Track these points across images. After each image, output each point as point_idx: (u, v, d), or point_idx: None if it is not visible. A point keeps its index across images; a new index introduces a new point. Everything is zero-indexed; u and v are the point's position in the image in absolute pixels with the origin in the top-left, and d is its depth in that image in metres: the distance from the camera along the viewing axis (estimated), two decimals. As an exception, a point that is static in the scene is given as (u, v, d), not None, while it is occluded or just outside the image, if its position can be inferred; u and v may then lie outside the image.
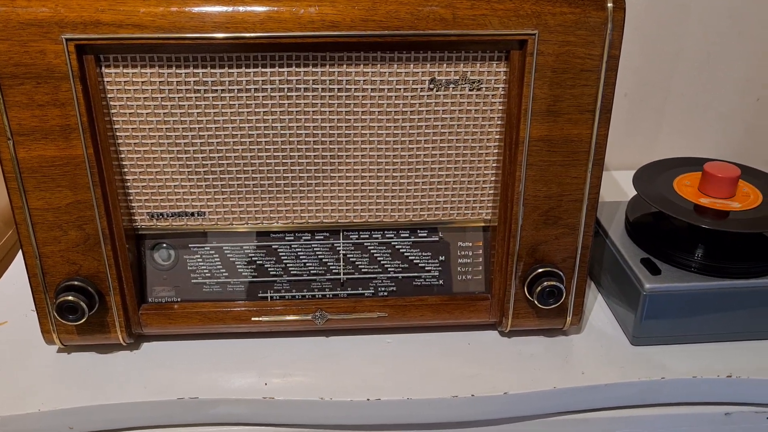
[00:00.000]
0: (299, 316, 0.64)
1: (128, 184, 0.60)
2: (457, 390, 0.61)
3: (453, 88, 0.58)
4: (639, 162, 0.81)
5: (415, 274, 0.66)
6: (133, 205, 0.61)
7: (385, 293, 0.66)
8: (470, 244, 0.65)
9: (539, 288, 0.61)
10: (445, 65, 0.57)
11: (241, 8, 0.52)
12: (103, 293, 0.61)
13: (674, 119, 0.97)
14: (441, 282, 0.66)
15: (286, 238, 0.64)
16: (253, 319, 0.64)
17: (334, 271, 0.65)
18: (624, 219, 0.72)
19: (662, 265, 0.65)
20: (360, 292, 0.66)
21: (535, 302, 0.62)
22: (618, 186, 0.93)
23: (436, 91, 0.58)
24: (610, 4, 0.54)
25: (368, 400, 0.60)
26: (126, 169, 0.59)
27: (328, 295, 0.65)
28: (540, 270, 0.62)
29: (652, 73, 0.93)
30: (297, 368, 0.63)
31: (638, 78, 0.93)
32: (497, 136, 0.60)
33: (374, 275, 0.65)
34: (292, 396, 0.60)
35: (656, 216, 0.70)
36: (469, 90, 0.58)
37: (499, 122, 0.60)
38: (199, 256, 0.64)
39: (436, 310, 0.65)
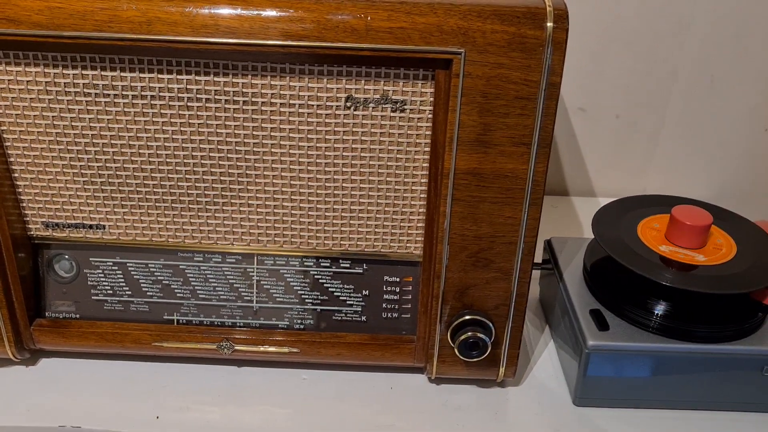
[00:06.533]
0: (203, 344, 0.59)
1: (19, 190, 0.55)
2: (365, 443, 0.55)
3: (373, 108, 0.51)
4: (626, 190, 0.73)
5: (336, 308, 0.59)
6: (26, 212, 0.56)
7: (302, 326, 0.60)
8: (398, 280, 0.59)
9: (463, 337, 0.54)
10: (363, 82, 0.50)
11: (125, 6, 0.46)
12: (-12, 306, 0.56)
13: (669, 146, 0.88)
14: (364, 318, 0.60)
15: (195, 259, 0.58)
16: (154, 344, 0.59)
17: (246, 298, 0.59)
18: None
19: (613, 320, 0.58)
20: (273, 322, 0.60)
21: (456, 353, 0.55)
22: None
23: (354, 110, 0.51)
24: (549, 24, 0.46)
25: (264, 446, 0.54)
26: (16, 174, 0.54)
27: (238, 323, 0.60)
28: (467, 317, 0.55)
29: (646, 94, 0.84)
30: (196, 401, 0.58)
31: (631, 98, 0.85)
32: (425, 164, 0.53)
33: (290, 305, 0.59)
34: (181, 434, 0.55)
35: (615, 262, 0.62)
36: (392, 111, 0.51)
37: (426, 149, 0.53)
38: (100, 271, 0.59)
39: (354, 348, 0.59)
